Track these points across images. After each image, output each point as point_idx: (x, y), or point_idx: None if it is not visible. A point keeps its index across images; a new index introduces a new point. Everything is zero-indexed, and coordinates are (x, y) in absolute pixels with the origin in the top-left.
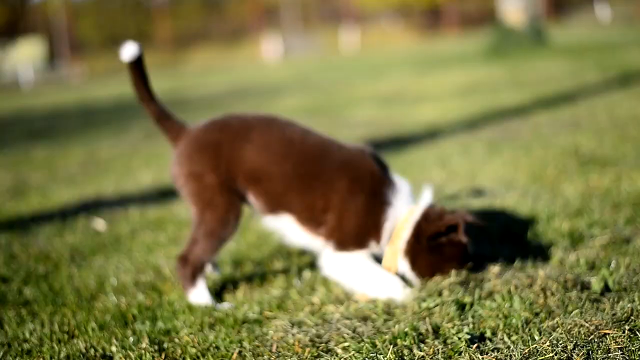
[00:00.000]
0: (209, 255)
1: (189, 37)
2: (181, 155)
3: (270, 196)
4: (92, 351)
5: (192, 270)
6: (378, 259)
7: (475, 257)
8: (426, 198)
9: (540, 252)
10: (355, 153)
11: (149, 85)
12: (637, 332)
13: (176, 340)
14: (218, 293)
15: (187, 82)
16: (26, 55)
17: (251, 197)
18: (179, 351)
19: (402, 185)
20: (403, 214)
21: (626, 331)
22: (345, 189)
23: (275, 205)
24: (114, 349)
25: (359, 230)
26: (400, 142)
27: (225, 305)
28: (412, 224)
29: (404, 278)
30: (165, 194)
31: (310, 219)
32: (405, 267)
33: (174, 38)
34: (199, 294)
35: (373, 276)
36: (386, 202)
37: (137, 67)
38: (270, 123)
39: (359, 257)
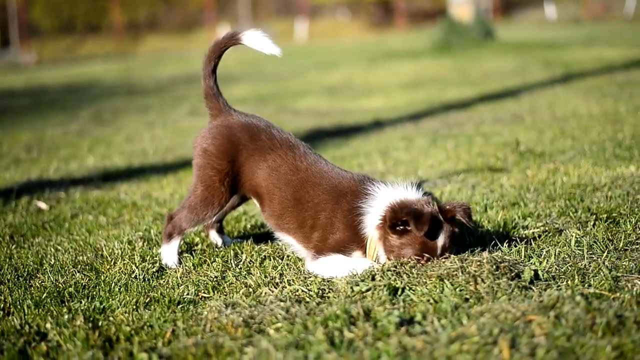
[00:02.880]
0: (187, 226)
1: (142, 24)
2: (209, 130)
3: (270, 212)
4: (27, 328)
5: (171, 230)
6: None
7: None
8: (396, 194)
9: (475, 241)
10: (345, 177)
11: (216, 66)
12: (562, 319)
13: (111, 318)
14: (155, 274)
15: (138, 68)
16: None
17: (257, 203)
18: (113, 329)
19: (381, 192)
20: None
21: (551, 317)
22: (330, 209)
23: (276, 226)
24: (48, 325)
25: (340, 242)
26: (347, 131)
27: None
28: (380, 214)
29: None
30: (109, 177)
31: (304, 238)
32: (380, 251)
33: (126, 25)
34: (168, 252)
35: (347, 263)
36: (362, 212)
37: (223, 52)
38: (290, 148)
39: (336, 257)
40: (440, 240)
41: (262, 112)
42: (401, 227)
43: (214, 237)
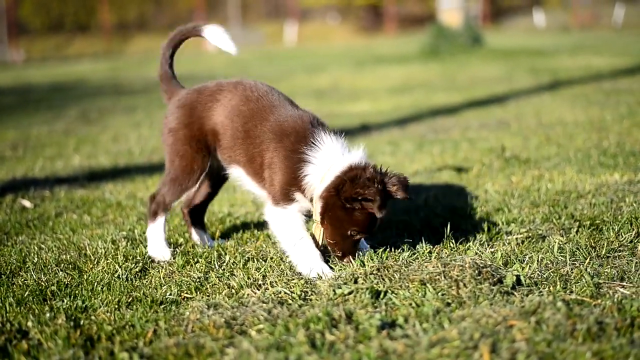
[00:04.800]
0: (172, 198)
1: (131, 24)
2: (167, 113)
3: (224, 145)
4: (8, 326)
5: (155, 207)
6: None
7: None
8: (349, 157)
9: (458, 246)
10: (293, 116)
11: (174, 53)
12: (543, 324)
13: (93, 317)
14: (138, 274)
15: (126, 68)
16: None
17: (217, 151)
18: (95, 328)
19: (330, 146)
20: (324, 171)
21: (532, 323)
22: (273, 148)
23: (229, 159)
24: (30, 324)
25: (283, 185)
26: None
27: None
28: (331, 178)
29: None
30: (94, 177)
31: (254, 174)
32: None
33: (116, 24)
34: (155, 230)
35: (300, 249)
36: (306, 159)
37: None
38: (238, 84)
39: (293, 219)
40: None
41: None
42: (355, 204)
43: (196, 235)
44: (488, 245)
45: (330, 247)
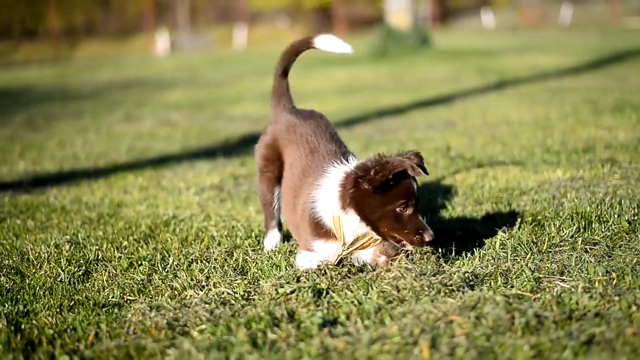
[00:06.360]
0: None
1: (79, 30)
2: (262, 138)
3: None
4: None
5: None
6: None
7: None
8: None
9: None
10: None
11: (289, 68)
12: (482, 319)
13: (34, 321)
14: (81, 277)
15: (74, 73)
16: None
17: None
18: (36, 332)
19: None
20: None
21: (472, 317)
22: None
23: None
24: None
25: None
26: None
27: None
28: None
29: None
30: (39, 182)
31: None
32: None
33: (63, 30)
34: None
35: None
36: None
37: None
38: (312, 151)
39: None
40: None
41: (196, 118)
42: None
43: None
44: (431, 242)
45: (400, 239)
